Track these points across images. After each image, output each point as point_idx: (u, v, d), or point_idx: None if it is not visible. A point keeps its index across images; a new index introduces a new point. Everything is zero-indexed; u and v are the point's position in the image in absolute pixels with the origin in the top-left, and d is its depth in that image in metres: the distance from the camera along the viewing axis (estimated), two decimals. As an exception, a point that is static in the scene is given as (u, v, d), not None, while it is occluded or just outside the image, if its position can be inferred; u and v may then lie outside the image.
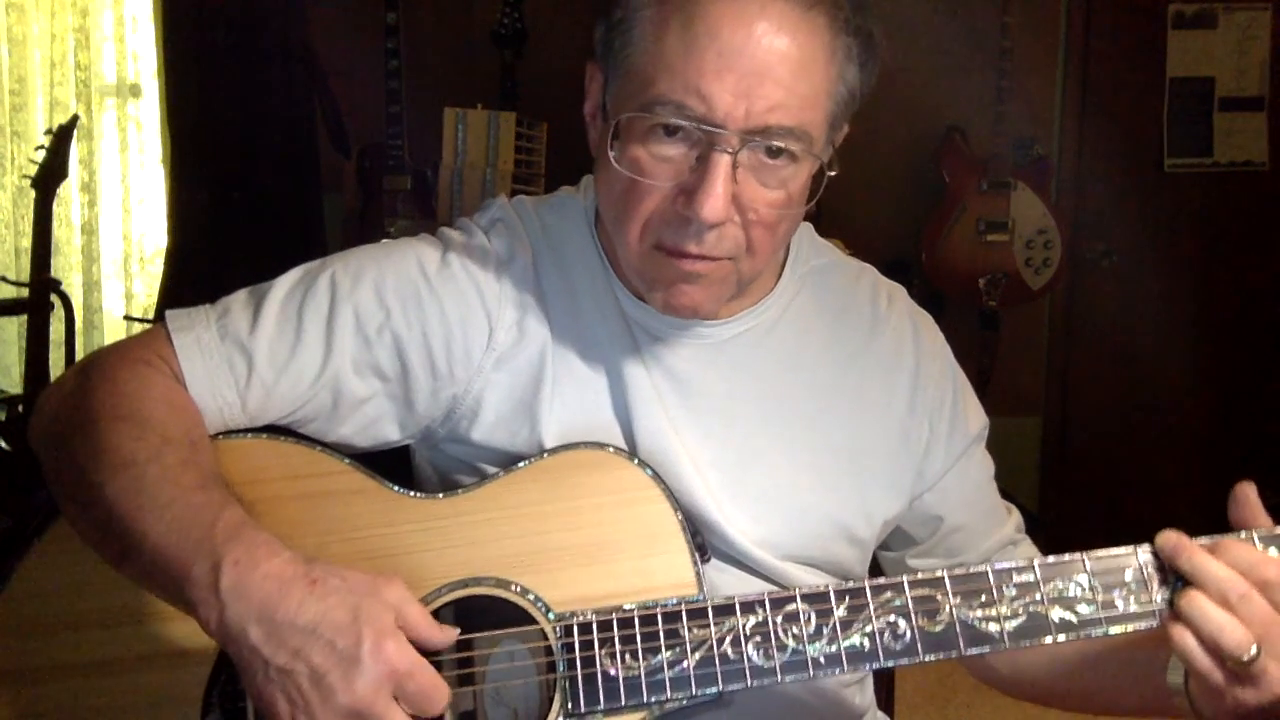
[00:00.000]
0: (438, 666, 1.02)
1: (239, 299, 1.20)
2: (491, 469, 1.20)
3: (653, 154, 1.10)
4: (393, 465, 1.23)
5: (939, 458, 1.31)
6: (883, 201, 3.79)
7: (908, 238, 3.86)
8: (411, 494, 1.15)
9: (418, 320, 1.20)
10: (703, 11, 1.06)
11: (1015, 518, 1.39)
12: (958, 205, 3.81)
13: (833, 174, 1.15)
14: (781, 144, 1.08)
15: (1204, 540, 1.04)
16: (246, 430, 1.17)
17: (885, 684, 1.62)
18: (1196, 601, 1.00)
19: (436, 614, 1.10)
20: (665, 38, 1.07)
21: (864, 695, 1.35)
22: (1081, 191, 4.03)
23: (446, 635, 1.01)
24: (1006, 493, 1.41)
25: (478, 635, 1.11)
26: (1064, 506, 4.12)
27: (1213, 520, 1.09)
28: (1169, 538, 1.04)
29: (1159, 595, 1.05)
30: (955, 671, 1.38)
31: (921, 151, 3.87)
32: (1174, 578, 1.05)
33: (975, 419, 1.35)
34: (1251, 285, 4.04)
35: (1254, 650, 0.98)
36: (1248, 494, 1.05)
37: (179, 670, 1.09)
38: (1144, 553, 1.06)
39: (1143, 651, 1.14)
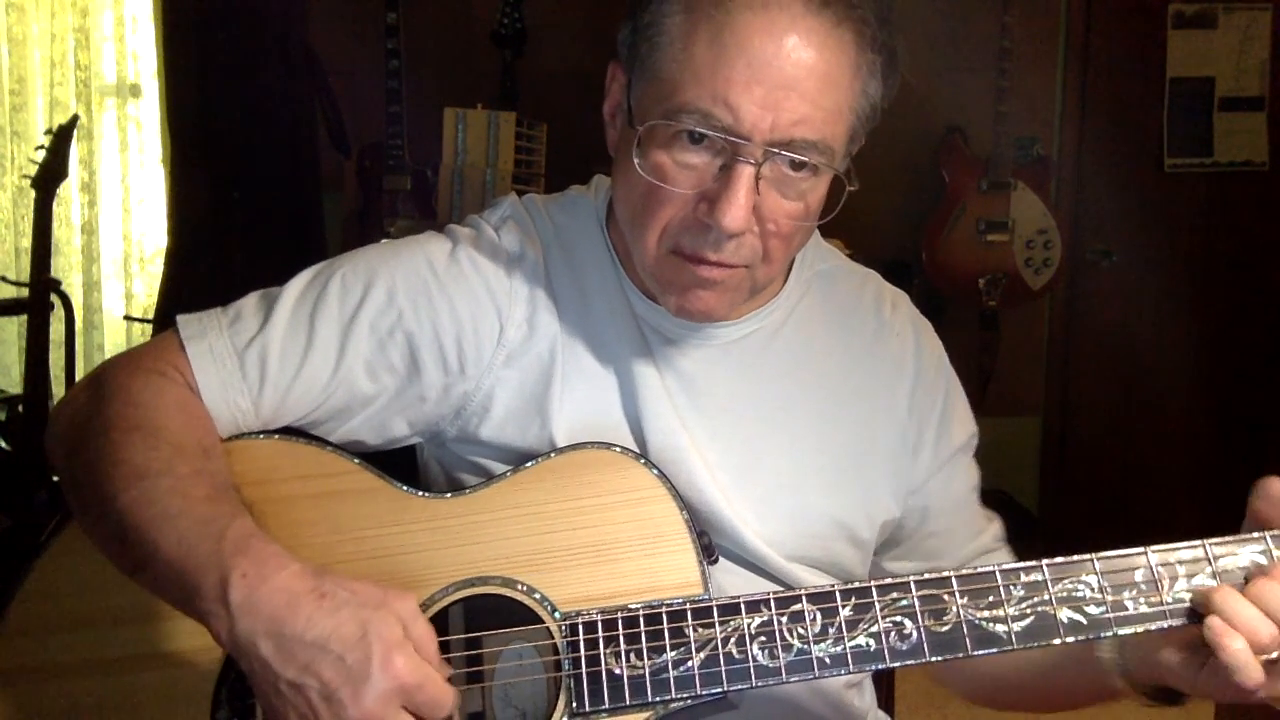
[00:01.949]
0: (448, 664, 1.03)
1: (250, 304, 1.21)
2: (499, 467, 1.20)
3: (676, 160, 1.10)
4: (399, 465, 1.24)
5: (925, 462, 1.32)
6: (883, 201, 3.79)
7: (908, 238, 3.86)
8: (420, 494, 1.16)
9: (429, 318, 1.20)
10: (732, 22, 1.06)
11: (995, 528, 1.39)
12: (958, 205, 3.81)
13: (853, 189, 1.14)
14: (805, 157, 1.08)
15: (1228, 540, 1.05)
16: (259, 431, 1.17)
17: (886, 684, 1.62)
18: (1230, 597, 1.00)
19: (444, 612, 1.11)
20: (693, 46, 1.07)
21: (864, 697, 1.35)
22: (1081, 191, 4.03)
23: (443, 669, 1.01)
24: (1005, 494, 1.41)
25: (485, 634, 1.11)
26: (1064, 506, 4.12)
27: (1212, 519, 1.09)
28: (1201, 590, 1.04)
29: (1169, 595, 1.04)
30: (958, 672, 1.38)
31: (921, 151, 3.87)
32: (1186, 579, 1.04)
33: (962, 429, 1.35)
34: (1251, 285, 4.04)
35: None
36: (1273, 489, 1.05)
37: (189, 668, 1.09)
38: (1153, 553, 1.06)
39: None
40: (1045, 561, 1.06)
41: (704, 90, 1.06)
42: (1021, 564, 1.07)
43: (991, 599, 1.05)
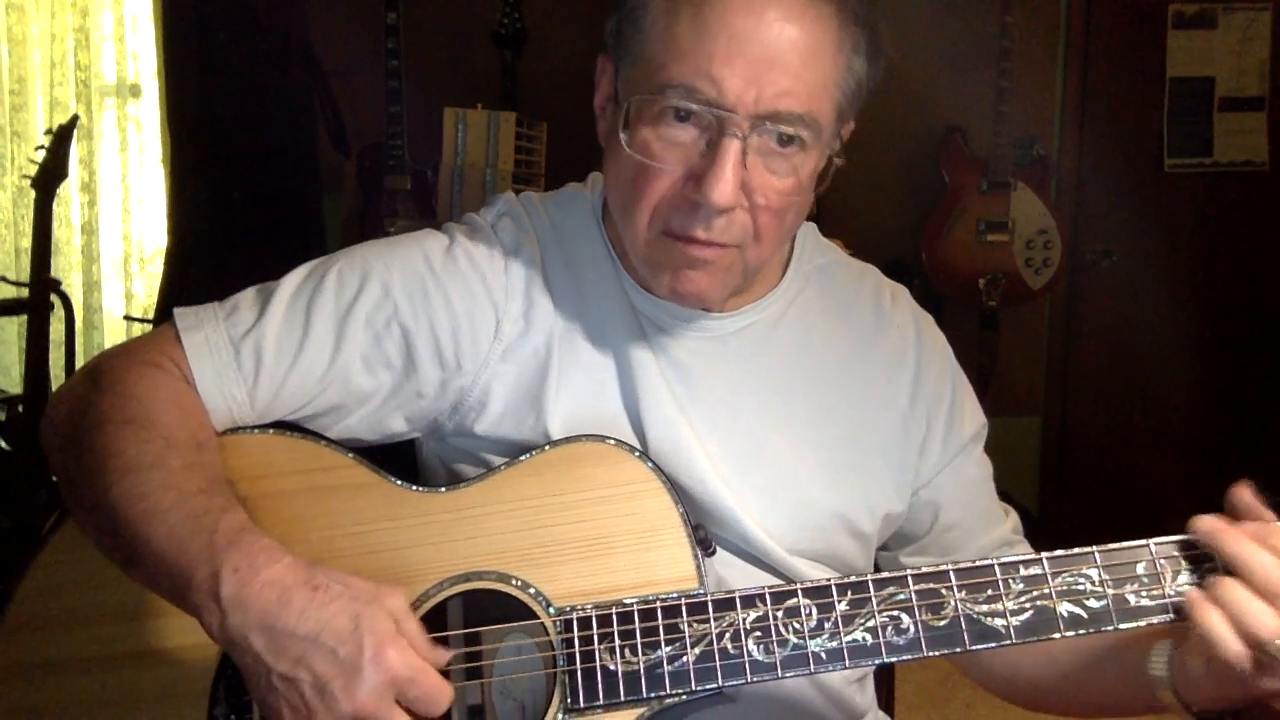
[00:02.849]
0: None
1: (246, 297, 1.21)
2: (498, 460, 1.20)
3: (663, 138, 1.11)
4: (399, 458, 1.23)
5: (935, 455, 1.32)
6: (883, 201, 3.79)
7: (908, 238, 3.86)
8: (414, 488, 1.16)
9: (424, 312, 1.20)
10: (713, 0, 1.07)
11: (1013, 519, 1.39)
12: (958, 205, 3.81)
13: (840, 162, 1.15)
14: (791, 130, 1.09)
15: (1246, 527, 1.02)
16: (254, 426, 1.17)
17: (885, 684, 1.62)
18: (1233, 588, 0.99)
19: (440, 607, 1.11)
20: (676, 24, 1.08)
21: (864, 694, 1.35)
22: (1081, 191, 4.03)
23: (438, 655, 1.01)
24: (1005, 493, 1.41)
25: (483, 630, 1.11)
26: (1063, 506, 4.12)
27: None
28: (1207, 522, 1.03)
29: (1172, 588, 1.03)
30: (956, 671, 1.37)
31: (921, 151, 3.87)
32: (1190, 571, 1.03)
33: (972, 420, 1.35)
34: (1251, 285, 4.04)
35: None
36: (1244, 497, 1.05)
37: (187, 664, 1.09)
38: (1156, 545, 1.05)
39: (1127, 643, 1.14)
40: (1045, 555, 1.06)
41: (687, 66, 1.07)
42: (1021, 557, 1.06)
43: (990, 593, 1.05)
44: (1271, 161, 4.01)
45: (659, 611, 1.07)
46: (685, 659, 1.06)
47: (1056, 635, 1.04)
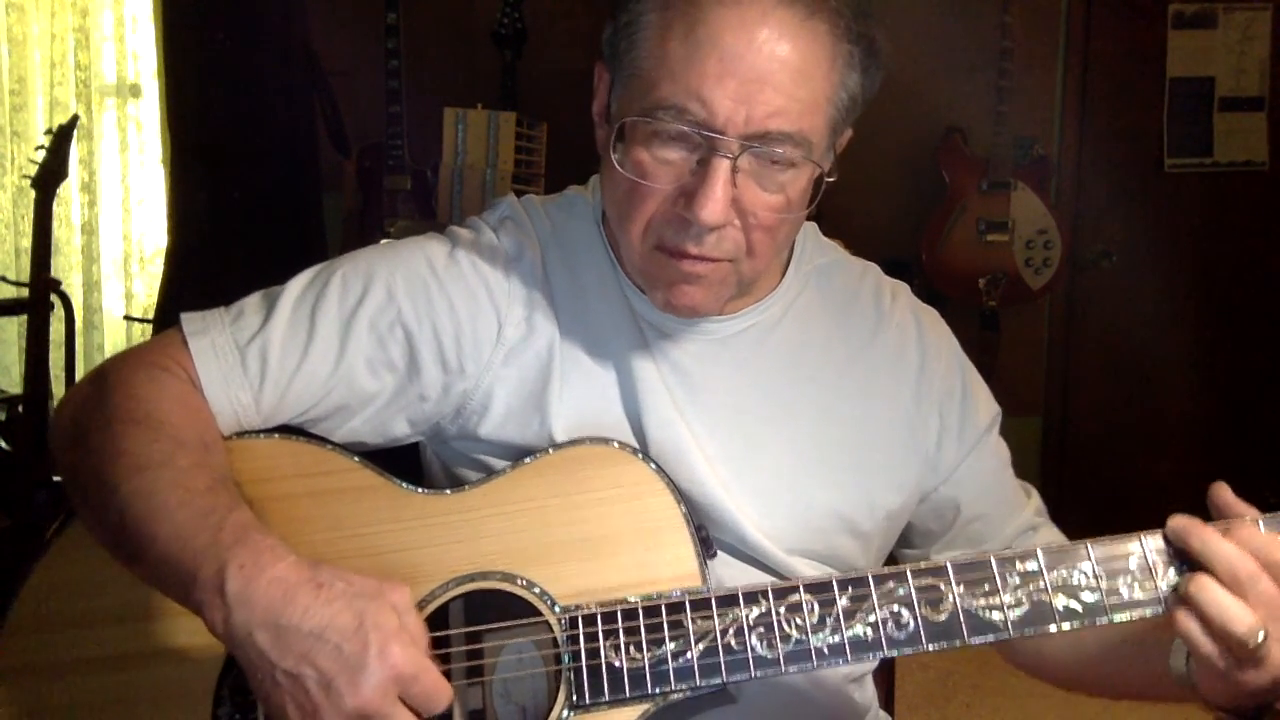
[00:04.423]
0: (447, 661, 1.03)
1: (252, 302, 1.22)
2: (500, 463, 1.20)
3: (655, 157, 1.11)
4: (401, 461, 1.24)
5: (951, 449, 1.32)
6: (883, 201, 3.80)
7: (908, 238, 3.86)
8: (419, 490, 1.16)
9: (428, 315, 1.21)
10: (705, 18, 1.07)
11: (1035, 502, 1.40)
12: (958, 205, 3.81)
13: (831, 180, 1.15)
14: (781, 149, 1.09)
15: (1216, 524, 1.04)
16: (259, 430, 1.18)
17: (886, 683, 1.62)
18: (1207, 587, 1.00)
19: (444, 608, 1.12)
20: (668, 43, 1.08)
21: (863, 693, 1.35)
22: (1081, 191, 4.03)
23: (435, 665, 1.01)
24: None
25: (485, 629, 1.11)
26: (1064, 506, 4.10)
27: (1211, 519, 1.08)
28: (1179, 520, 1.05)
29: (1163, 582, 1.05)
30: (955, 671, 1.38)
31: (921, 151, 3.87)
32: (1179, 565, 1.05)
33: (985, 409, 1.36)
34: (1251, 285, 4.04)
35: (1261, 636, 0.98)
36: (1223, 496, 1.06)
37: (191, 664, 1.10)
38: (1148, 539, 1.06)
39: (1151, 636, 1.15)
40: (1040, 549, 1.07)
41: (678, 86, 1.07)
42: (1016, 551, 1.07)
43: (987, 587, 1.06)
44: (1271, 161, 4.02)
45: (663, 609, 1.08)
46: (689, 655, 1.06)
47: (1052, 628, 1.05)
